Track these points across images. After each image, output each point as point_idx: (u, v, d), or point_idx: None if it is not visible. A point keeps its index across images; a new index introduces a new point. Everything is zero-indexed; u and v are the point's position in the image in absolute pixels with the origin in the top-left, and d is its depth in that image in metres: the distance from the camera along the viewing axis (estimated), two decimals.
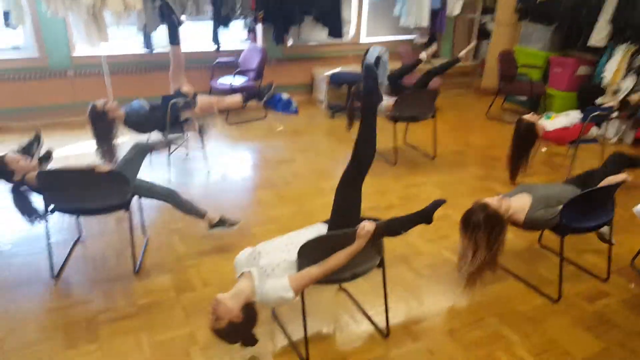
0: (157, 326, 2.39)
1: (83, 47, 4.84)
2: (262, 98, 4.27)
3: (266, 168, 4.26)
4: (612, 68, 5.03)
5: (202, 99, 3.96)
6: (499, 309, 2.60)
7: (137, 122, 3.60)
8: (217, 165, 4.25)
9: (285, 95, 5.82)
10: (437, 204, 2.33)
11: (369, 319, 2.49)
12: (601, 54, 5.33)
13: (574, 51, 5.72)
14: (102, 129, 3.36)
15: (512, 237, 3.29)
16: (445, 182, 4.09)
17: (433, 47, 4.86)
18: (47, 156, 2.83)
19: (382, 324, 2.43)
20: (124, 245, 3.00)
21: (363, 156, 2.21)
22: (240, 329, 1.98)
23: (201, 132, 4.01)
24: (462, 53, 4.62)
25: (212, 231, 3.03)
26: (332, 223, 2.25)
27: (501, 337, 2.40)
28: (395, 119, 4.26)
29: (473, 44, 4.82)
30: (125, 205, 2.70)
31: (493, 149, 4.85)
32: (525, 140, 3.67)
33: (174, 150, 4.33)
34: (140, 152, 3.01)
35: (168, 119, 3.70)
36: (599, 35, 5.19)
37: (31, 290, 2.61)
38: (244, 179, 4.04)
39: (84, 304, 2.53)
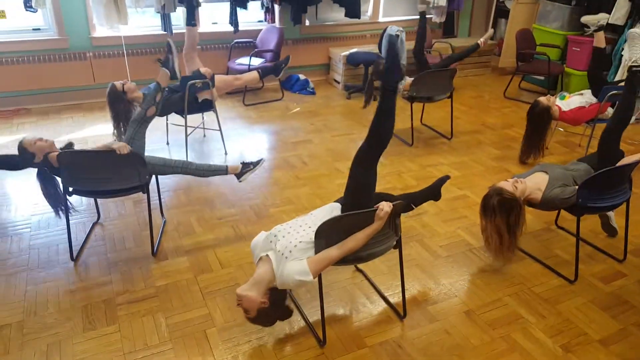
0: (175, 308, 2.43)
1: (102, 29, 4.86)
2: (278, 73, 4.26)
3: (283, 149, 4.29)
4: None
5: (220, 78, 3.98)
6: (515, 289, 2.64)
7: None
8: (234, 146, 4.30)
9: (302, 76, 5.81)
10: (443, 180, 2.43)
11: (386, 300, 2.54)
12: (620, 33, 5.21)
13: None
14: (121, 109, 3.35)
15: (530, 218, 3.30)
16: (462, 163, 4.09)
17: (490, 32, 4.70)
18: (69, 147, 2.84)
19: (398, 305, 2.48)
20: (141, 227, 3.07)
21: (382, 133, 2.22)
22: (270, 312, 2.05)
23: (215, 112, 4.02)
24: (482, 40, 4.52)
25: (243, 179, 3.03)
26: (346, 202, 2.27)
27: (518, 318, 2.44)
28: (412, 99, 4.24)
29: (491, 31, 4.69)
30: (144, 187, 2.73)
31: (510, 129, 4.81)
32: (538, 123, 3.66)
33: (192, 132, 4.38)
34: (138, 123, 2.85)
35: (186, 99, 3.74)
36: (618, 13, 5.07)
37: (50, 273, 2.65)
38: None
39: (102, 286, 2.57)
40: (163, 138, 4.37)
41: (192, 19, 3.82)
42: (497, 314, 2.46)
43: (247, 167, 3.05)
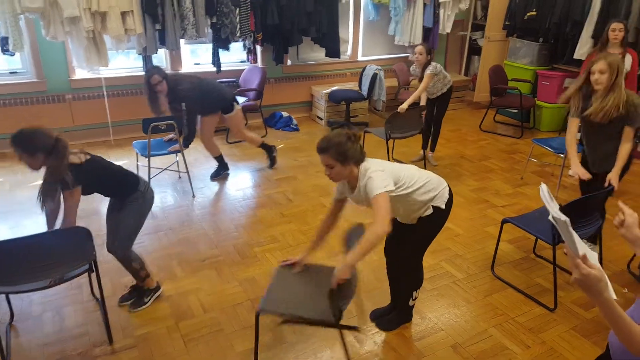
0: (155, 358, 2.36)
1: (82, 71, 4.92)
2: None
3: (267, 186, 4.34)
4: None
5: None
6: (499, 320, 2.68)
7: None
8: (216, 184, 4.33)
9: (285, 113, 5.94)
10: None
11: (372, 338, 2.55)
12: None
13: (560, 64, 5.91)
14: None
15: (511, 248, 3.39)
16: None
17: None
18: None
19: (387, 342, 2.49)
20: (121, 274, 2.96)
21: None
22: None
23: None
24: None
25: (140, 306, 2.72)
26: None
27: (504, 349, 2.47)
28: (387, 137, 4.33)
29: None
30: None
31: (487, 161, 4.97)
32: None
33: (158, 173, 4.35)
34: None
35: (149, 142, 3.84)
36: (582, 49, 5.39)
37: (23, 326, 2.55)
38: (245, 198, 4.11)
39: (78, 338, 2.47)
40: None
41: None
42: (483, 346, 2.49)
43: (147, 296, 2.76)
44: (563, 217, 1.19)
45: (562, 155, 4.13)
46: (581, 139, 3.14)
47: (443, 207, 2.27)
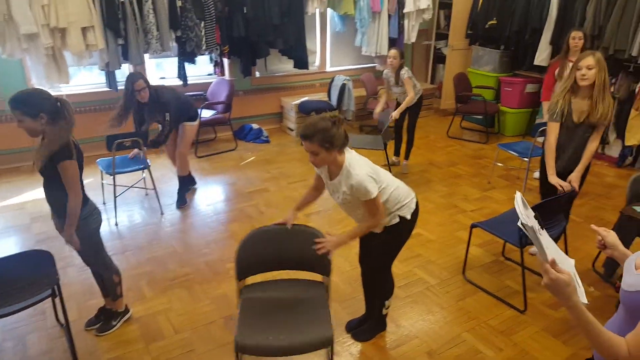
0: None
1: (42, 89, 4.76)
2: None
3: (238, 200, 4.29)
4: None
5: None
6: (472, 324, 2.71)
7: None
8: (186, 200, 4.24)
9: (255, 126, 5.90)
10: None
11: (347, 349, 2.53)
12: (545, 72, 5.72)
13: (522, 71, 6.11)
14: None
15: (480, 252, 3.44)
16: None
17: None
18: None
19: (363, 353, 2.47)
20: (86, 296, 2.89)
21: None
22: None
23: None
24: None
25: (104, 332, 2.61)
26: None
27: (477, 353, 2.49)
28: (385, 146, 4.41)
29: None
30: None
31: (455, 167, 5.06)
32: None
33: (124, 191, 4.24)
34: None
35: (113, 160, 3.75)
36: (541, 56, 5.59)
37: None
38: (216, 213, 4.05)
39: None
40: (98, 198, 4.16)
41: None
42: (457, 351, 2.51)
43: (115, 319, 2.66)
44: (530, 223, 1.22)
45: (526, 159, 4.25)
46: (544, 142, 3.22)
47: (409, 217, 2.29)
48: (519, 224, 1.27)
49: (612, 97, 2.82)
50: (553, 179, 2.88)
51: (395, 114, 4.47)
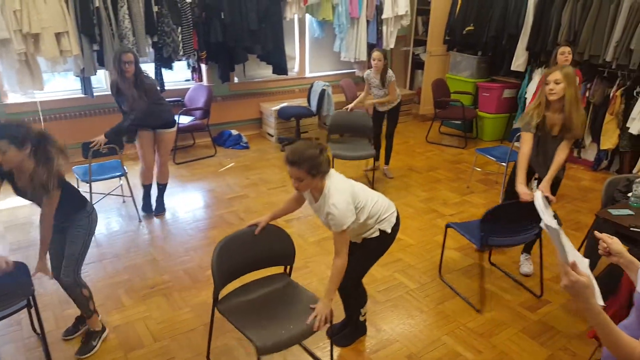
0: None
1: (16, 95, 4.66)
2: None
3: (218, 206, 4.24)
4: (532, 90, 5.51)
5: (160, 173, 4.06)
6: (451, 327, 2.73)
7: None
8: (166, 205, 4.18)
9: (234, 131, 5.86)
10: None
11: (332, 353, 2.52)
12: (523, 78, 5.84)
13: (499, 76, 6.22)
14: None
15: (459, 255, 3.47)
16: None
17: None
18: None
19: (342, 356, 2.46)
20: (63, 306, 2.81)
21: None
22: None
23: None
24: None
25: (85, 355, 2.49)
26: None
27: (457, 356, 2.51)
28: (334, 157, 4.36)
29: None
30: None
31: (435, 172, 5.11)
32: None
33: (101, 198, 4.20)
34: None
35: (90, 167, 3.65)
36: (518, 61, 5.71)
37: None
38: (195, 220, 3.99)
39: None
40: None
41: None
42: (437, 354, 2.52)
43: (94, 339, 2.56)
44: (554, 226, 1.21)
45: (504, 163, 4.31)
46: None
47: (389, 231, 2.30)
48: (541, 224, 1.26)
49: (584, 110, 2.85)
50: (520, 187, 2.86)
51: (373, 101, 4.59)
